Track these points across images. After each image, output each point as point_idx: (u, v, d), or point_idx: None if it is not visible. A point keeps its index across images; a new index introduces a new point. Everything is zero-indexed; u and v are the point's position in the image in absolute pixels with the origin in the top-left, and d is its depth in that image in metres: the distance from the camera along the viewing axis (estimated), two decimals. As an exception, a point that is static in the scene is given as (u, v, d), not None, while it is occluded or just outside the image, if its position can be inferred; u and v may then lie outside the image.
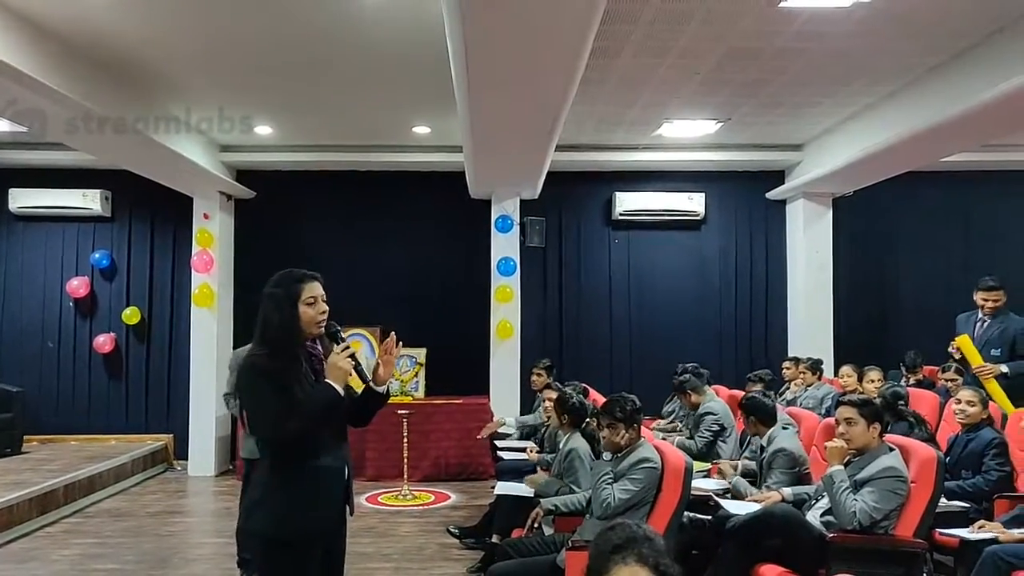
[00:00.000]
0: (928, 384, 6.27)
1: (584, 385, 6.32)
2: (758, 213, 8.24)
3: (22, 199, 7.91)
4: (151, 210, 8.08)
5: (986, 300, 5.04)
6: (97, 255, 8.03)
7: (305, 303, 2.37)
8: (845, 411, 3.33)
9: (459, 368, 7.71)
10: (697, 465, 4.24)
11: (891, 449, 3.30)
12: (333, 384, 2.33)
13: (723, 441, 5.09)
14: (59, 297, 8.02)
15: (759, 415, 4.07)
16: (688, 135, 7.15)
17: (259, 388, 2.29)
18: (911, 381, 6.42)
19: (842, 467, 3.27)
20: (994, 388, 4.63)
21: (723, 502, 3.72)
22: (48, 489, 5.86)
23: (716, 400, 5.40)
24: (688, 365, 5.92)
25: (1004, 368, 4.75)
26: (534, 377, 6.35)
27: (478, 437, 6.56)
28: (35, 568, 4.72)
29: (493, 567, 3.31)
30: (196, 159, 6.72)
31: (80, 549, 5.11)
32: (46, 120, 5.25)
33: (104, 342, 7.91)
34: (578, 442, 4.11)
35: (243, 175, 7.93)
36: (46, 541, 5.32)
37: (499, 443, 6.15)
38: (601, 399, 5.73)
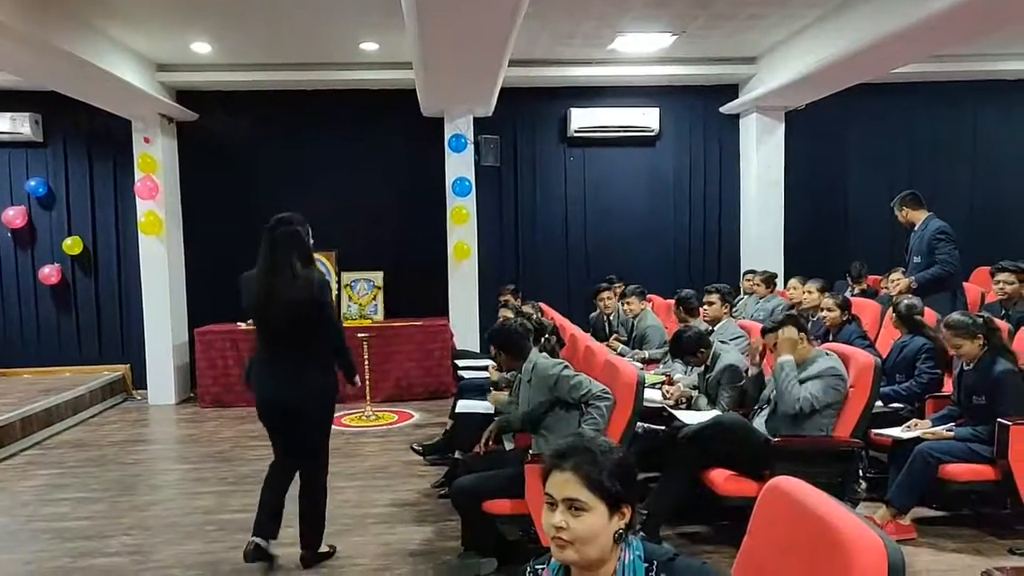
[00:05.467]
0: (872, 293, 6.54)
1: (541, 304, 6.44)
2: (712, 128, 8.24)
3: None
4: (87, 135, 7.69)
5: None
6: (32, 183, 7.66)
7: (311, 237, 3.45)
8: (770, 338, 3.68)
9: (418, 290, 7.73)
10: (651, 378, 4.40)
11: (828, 354, 3.54)
12: None
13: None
14: (-2, 228, 7.69)
15: (707, 346, 4.16)
16: (642, 49, 7.02)
17: (330, 294, 3.45)
18: (856, 291, 6.68)
19: (792, 358, 3.52)
20: None
21: (676, 412, 3.90)
22: (4, 423, 5.79)
23: (731, 350, 4.24)
24: (685, 292, 5.25)
25: (912, 283, 5.08)
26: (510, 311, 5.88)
27: None
28: (3, 499, 4.74)
29: (457, 481, 3.43)
30: (130, 79, 6.36)
31: (44, 479, 5.12)
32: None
33: (50, 273, 7.67)
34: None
35: (184, 96, 7.56)
36: (8, 473, 5.31)
37: (460, 362, 6.26)
38: (558, 316, 5.86)
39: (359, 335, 6.55)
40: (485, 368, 5.65)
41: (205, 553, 3.76)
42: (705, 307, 5.12)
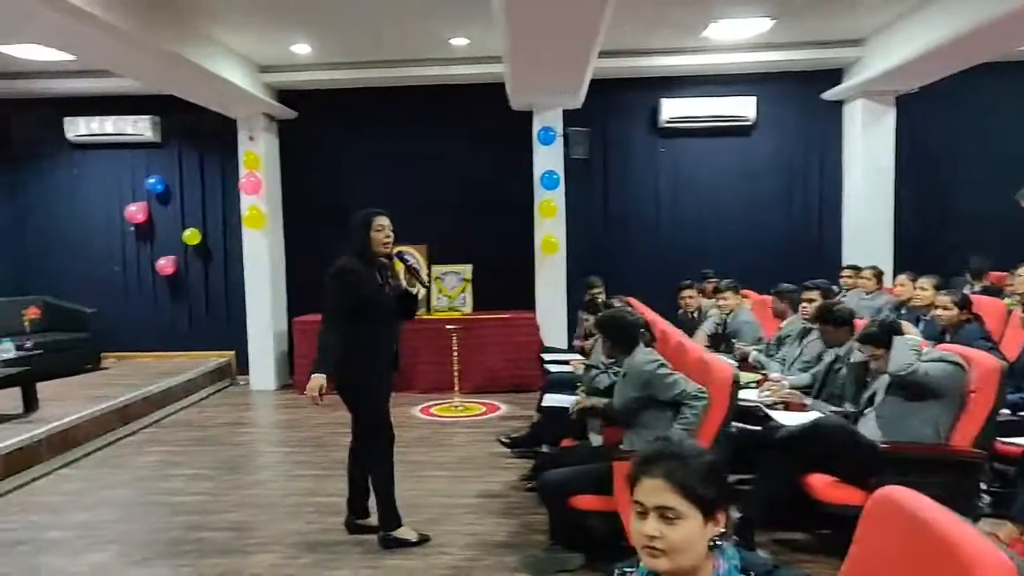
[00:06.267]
0: (995, 291, 6.04)
1: (629, 299, 6.32)
2: (813, 115, 7.84)
3: (77, 127, 8.07)
4: (200, 134, 8.15)
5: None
6: (152, 180, 8.21)
7: (374, 230, 3.52)
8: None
9: (506, 283, 7.77)
10: (746, 376, 4.24)
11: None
12: None
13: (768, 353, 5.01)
14: (119, 222, 8.27)
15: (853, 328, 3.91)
16: (737, 35, 6.76)
17: (338, 283, 3.49)
18: (976, 288, 6.19)
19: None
20: None
21: (773, 413, 3.74)
22: (129, 402, 6.28)
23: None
24: (785, 286, 5.21)
25: None
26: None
27: None
28: (123, 473, 5.12)
29: (545, 474, 3.42)
30: (236, 81, 6.70)
31: (159, 456, 5.49)
32: (90, 47, 5.28)
33: (166, 264, 8.21)
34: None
35: (284, 95, 7.88)
36: (130, 448, 5.73)
37: (546, 356, 6.24)
38: (648, 312, 5.73)
39: (447, 327, 6.67)
40: (568, 363, 5.60)
41: (303, 533, 3.92)
42: (804, 304, 4.87)
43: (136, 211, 8.19)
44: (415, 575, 3.40)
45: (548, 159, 7.51)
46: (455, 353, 6.63)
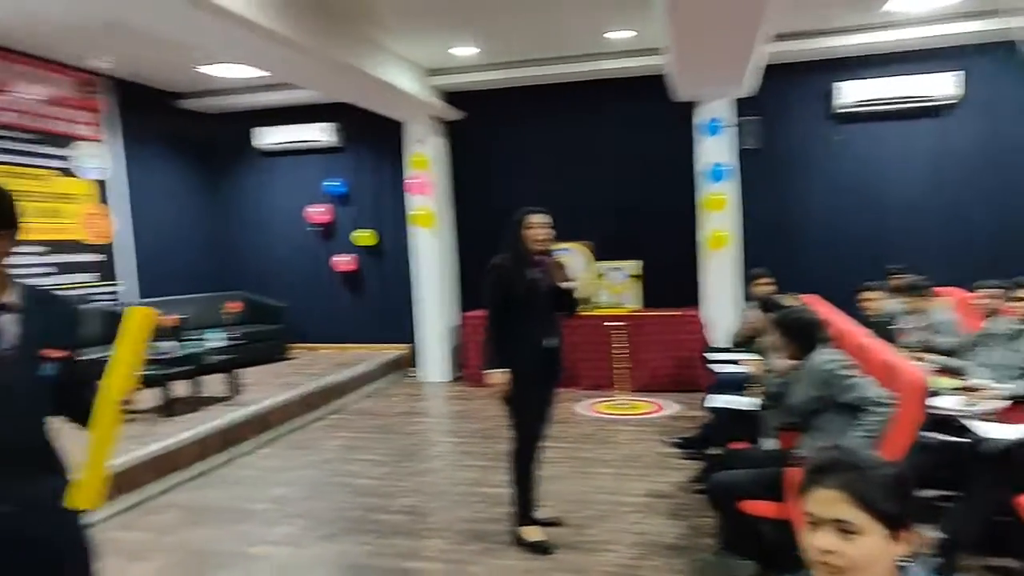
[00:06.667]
0: None
1: (803, 296, 5.92)
2: (1020, 89, 6.89)
3: (265, 136, 8.94)
4: (376, 138, 8.66)
5: None
6: (333, 183, 8.90)
7: (526, 228, 3.60)
8: None
9: (675, 280, 7.57)
10: (947, 382, 3.84)
11: None
12: None
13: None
14: (304, 222, 9.03)
15: None
16: (926, 6, 6.10)
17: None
18: None
19: None
20: None
21: (973, 424, 3.34)
22: (316, 390, 6.88)
23: None
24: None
25: None
26: None
27: None
28: (312, 454, 5.62)
29: (714, 476, 3.30)
30: (406, 87, 7.07)
31: (342, 441, 5.96)
32: (275, 62, 5.82)
33: (346, 262, 8.88)
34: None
35: (452, 97, 8.19)
36: (317, 433, 6.27)
37: (711, 355, 6.01)
38: (826, 309, 5.34)
39: (609, 324, 6.62)
40: (736, 363, 5.35)
41: (470, 521, 4.09)
42: (1012, 304, 4.29)
43: (319, 212, 8.92)
44: (581, 570, 3.42)
45: (715, 151, 7.23)
46: (619, 350, 6.59)
